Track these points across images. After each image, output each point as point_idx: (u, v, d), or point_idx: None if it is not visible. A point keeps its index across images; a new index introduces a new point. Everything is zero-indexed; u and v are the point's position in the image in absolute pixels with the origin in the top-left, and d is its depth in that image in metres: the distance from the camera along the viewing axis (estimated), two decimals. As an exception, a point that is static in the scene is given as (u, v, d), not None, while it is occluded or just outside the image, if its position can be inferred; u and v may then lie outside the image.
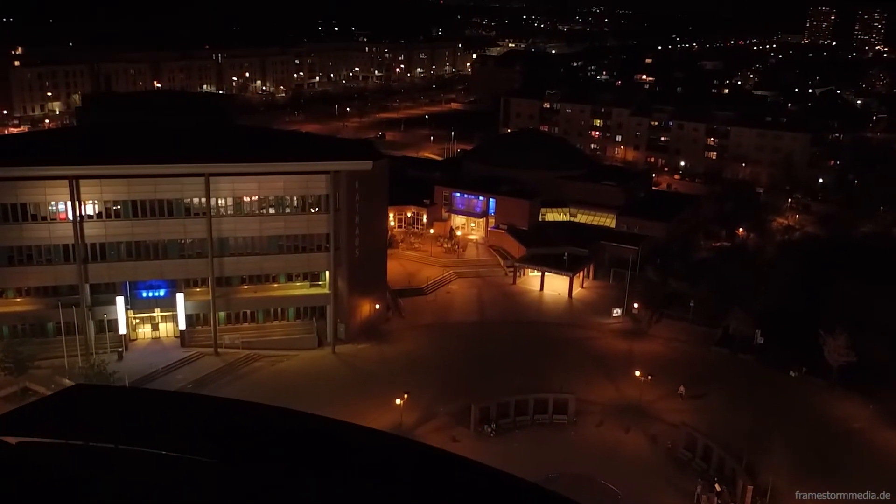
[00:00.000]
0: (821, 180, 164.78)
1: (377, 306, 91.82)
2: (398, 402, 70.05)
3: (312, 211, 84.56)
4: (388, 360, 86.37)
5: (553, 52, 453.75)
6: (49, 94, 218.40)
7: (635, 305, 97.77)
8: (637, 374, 78.27)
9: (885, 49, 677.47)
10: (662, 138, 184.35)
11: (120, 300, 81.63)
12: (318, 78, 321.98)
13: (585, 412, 75.94)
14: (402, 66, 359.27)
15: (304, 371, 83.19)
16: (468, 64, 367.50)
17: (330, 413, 73.03)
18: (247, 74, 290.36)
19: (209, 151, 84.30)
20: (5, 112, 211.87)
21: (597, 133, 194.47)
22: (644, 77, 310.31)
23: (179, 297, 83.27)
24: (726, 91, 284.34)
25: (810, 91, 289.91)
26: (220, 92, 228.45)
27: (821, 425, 75.14)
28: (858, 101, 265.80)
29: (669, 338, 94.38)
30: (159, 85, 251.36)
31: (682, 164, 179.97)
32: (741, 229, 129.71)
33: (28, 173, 74.86)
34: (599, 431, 73.57)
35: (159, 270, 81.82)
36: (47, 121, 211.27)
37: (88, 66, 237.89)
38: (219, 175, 79.28)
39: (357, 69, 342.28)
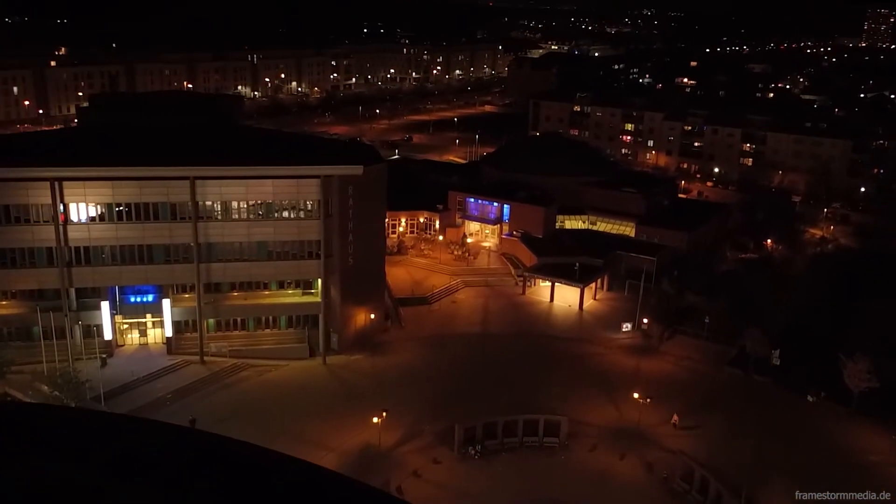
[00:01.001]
0: (862, 189, 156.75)
1: (372, 316, 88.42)
2: (375, 420, 66.41)
3: (303, 216, 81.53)
4: (380, 373, 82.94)
5: (596, 54, 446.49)
6: (80, 94, 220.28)
7: (644, 321, 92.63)
8: (635, 395, 73.45)
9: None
10: (696, 143, 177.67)
11: (105, 305, 79.87)
12: (354, 79, 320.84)
13: (580, 435, 71.42)
14: (439, 68, 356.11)
15: (291, 382, 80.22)
16: (507, 66, 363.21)
17: (306, 429, 70.73)
18: (282, 76, 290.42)
19: (202, 153, 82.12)
20: (41, 111, 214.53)
21: (628, 138, 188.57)
22: (685, 80, 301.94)
23: (166, 302, 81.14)
24: (771, 95, 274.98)
25: (861, 96, 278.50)
26: (241, 91, 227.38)
27: (835, 456, 69.38)
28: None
29: (681, 356, 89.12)
30: (191, 86, 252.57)
31: (716, 170, 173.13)
32: (770, 241, 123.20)
33: (7, 175, 73.23)
34: (592, 456, 69.00)
35: (145, 275, 79.71)
36: (76, 120, 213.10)
37: (124, 66, 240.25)
38: (203, 178, 76.79)
39: (392, 71, 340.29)
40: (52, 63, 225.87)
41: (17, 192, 74.63)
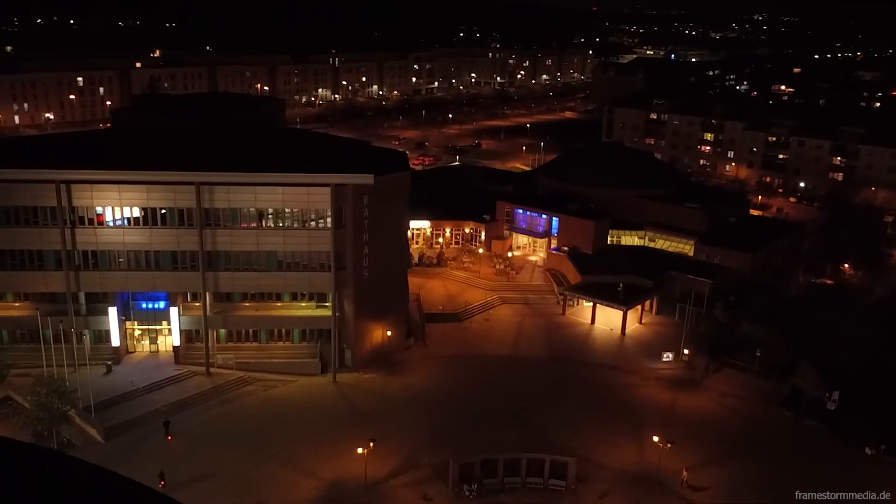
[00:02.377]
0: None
1: (388, 333, 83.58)
2: (360, 450, 61.42)
3: (314, 226, 77.52)
4: (391, 395, 78.05)
5: (692, 59, 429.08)
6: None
7: (685, 351, 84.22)
8: (655, 439, 65.77)
9: None
10: (780, 156, 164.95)
11: (112, 310, 78.13)
12: (436, 83, 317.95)
13: (591, 478, 64.46)
14: (523, 72, 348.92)
15: (295, 400, 76.27)
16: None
17: (297, 453, 66.45)
18: (363, 79, 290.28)
19: (215, 157, 79.53)
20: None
21: (707, 148, 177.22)
22: (783, 88, 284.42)
23: (173, 311, 78.73)
24: (878, 105, 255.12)
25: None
26: (278, 96, 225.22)
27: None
28: None
29: (725, 392, 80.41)
30: (266, 88, 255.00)
31: (801, 185, 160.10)
32: (849, 265, 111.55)
33: (12, 176, 72.29)
34: (601, 504, 62.03)
35: (152, 282, 77.46)
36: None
37: (206, 68, 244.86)
38: (209, 184, 73.84)
39: (473, 75, 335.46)
40: (137, 64, 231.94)
41: (26, 193, 73.53)
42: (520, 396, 77.67)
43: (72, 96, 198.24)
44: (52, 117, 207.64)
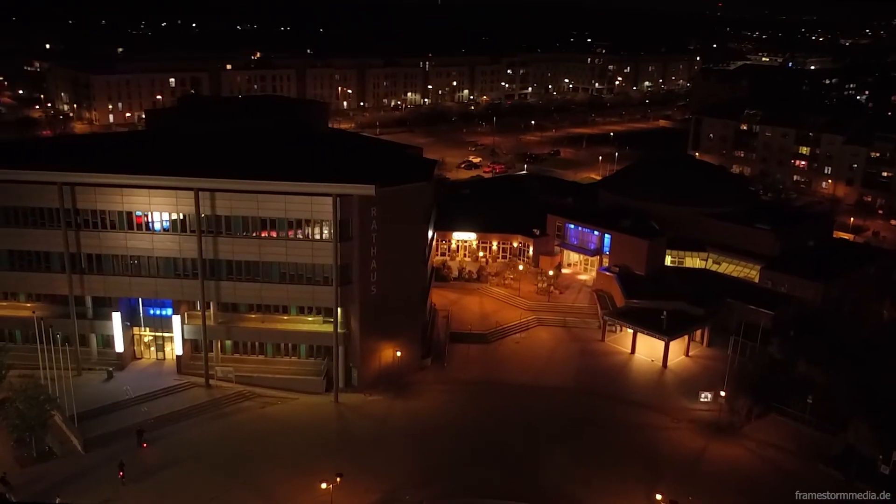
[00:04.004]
0: None
1: (398, 353, 78.45)
2: (324, 486, 56.52)
3: (318, 238, 73.39)
4: (391, 420, 72.91)
5: (812, 67, 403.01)
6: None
7: (722, 393, 74.91)
8: (658, 497, 57.76)
9: None
10: (884, 174, 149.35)
11: (116, 316, 76.60)
12: (530, 89, 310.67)
13: (584, 536, 57.32)
14: (620, 78, 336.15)
15: (290, 420, 72.28)
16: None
17: (273, 482, 62.10)
18: (454, 83, 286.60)
19: (232, 163, 76.85)
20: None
21: (802, 163, 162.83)
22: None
23: (176, 319, 76.46)
24: None
25: None
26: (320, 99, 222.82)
27: None
28: None
29: (766, 442, 70.88)
30: (350, 91, 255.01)
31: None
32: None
33: (15, 177, 71.66)
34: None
35: (154, 288, 75.32)
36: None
37: (295, 71, 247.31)
38: (206, 190, 70.93)
39: (567, 80, 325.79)
40: (228, 66, 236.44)
41: (32, 195, 72.82)
42: (531, 432, 70.92)
43: (159, 96, 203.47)
44: (144, 116, 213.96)
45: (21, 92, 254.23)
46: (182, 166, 72.95)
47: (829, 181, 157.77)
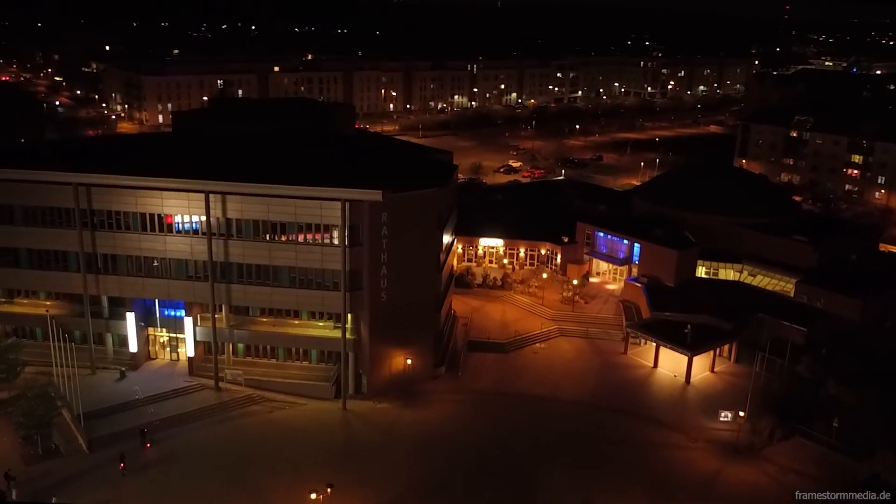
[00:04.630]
0: None
1: (408, 361, 77.21)
2: (313, 496, 55.53)
3: (327, 243, 72.65)
4: (398, 429, 71.68)
5: (877, 72, 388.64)
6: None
7: (741, 413, 71.56)
8: (658, 522, 55.29)
9: None
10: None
11: (130, 316, 77.13)
12: (580, 92, 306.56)
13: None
14: (673, 82, 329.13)
15: (294, 426, 71.63)
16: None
17: (269, 489, 61.50)
18: (501, 86, 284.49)
19: (246, 166, 76.94)
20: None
21: (854, 171, 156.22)
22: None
23: (188, 321, 76.66)
24: None
25: None
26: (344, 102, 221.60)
27: None
28: None
29: (787, 466, 67.44)
30: (395, 93, 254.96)
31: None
32: None
33: (32, 177, 72.73)
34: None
35: (166, 290, 75.66)
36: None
37: (341, 73, 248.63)
38: (217, 193, 70.87)
39: (617, 84, 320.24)
40: (276, 68, 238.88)
41: (50, 195, 73.83)
42: (538, 448, 68.89)
43: (206, 98, 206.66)
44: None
45: (79, 92, 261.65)
46: (197, 169, 73.10)
47: (883, 191, 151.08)
